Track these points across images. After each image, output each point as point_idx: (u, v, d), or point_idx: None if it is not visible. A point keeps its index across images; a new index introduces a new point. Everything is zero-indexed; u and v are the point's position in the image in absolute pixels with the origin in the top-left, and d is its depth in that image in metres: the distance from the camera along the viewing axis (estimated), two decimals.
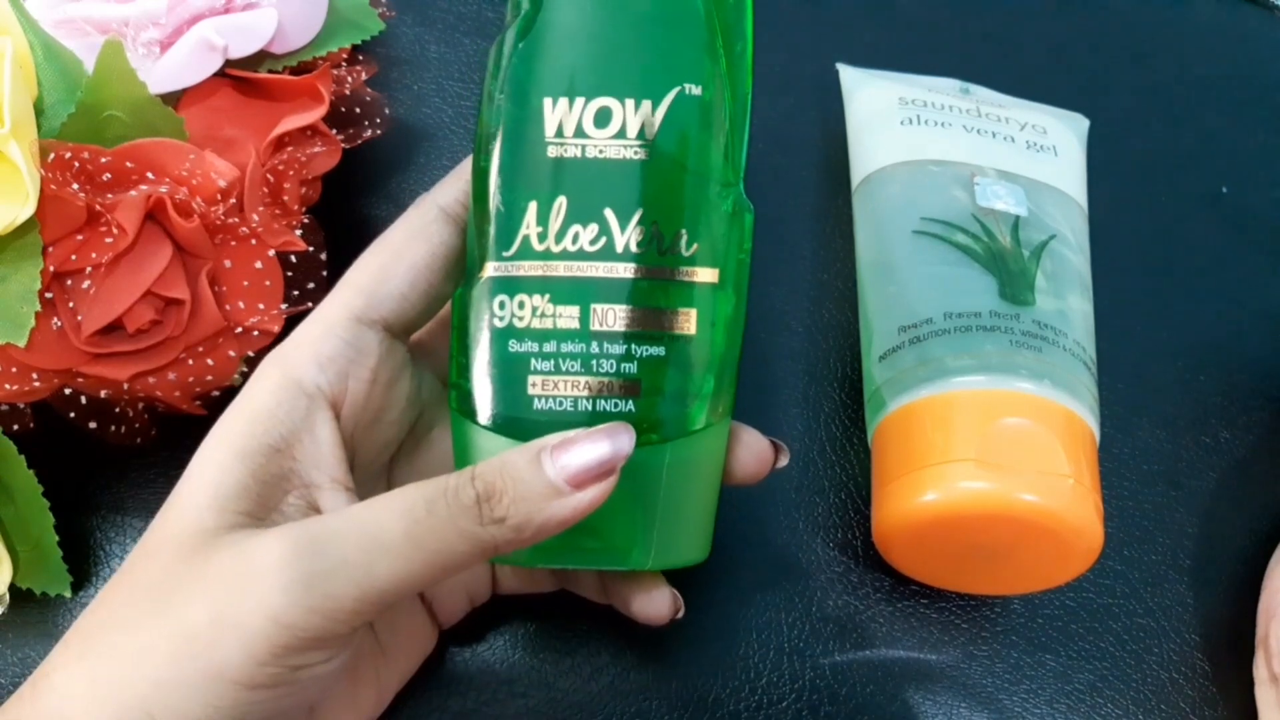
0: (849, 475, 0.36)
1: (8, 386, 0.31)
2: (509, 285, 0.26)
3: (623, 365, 0.25)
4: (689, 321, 0.26)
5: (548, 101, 0.25)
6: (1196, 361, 0.39)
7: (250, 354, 0.33)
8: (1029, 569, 0.31)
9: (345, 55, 0.37)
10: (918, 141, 0.36)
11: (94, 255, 0.31)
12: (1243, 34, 0.46)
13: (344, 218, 0.38)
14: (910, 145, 0.36)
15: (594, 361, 0.25)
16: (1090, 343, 0.33)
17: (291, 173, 0.33)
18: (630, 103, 0.25)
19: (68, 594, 0.32)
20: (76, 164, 0.30)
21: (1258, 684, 0.33)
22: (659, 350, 0.26)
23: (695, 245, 0.26)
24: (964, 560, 0.32)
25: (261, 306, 0.33)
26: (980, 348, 0.31)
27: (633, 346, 0.25)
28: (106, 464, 0.35)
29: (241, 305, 0.32)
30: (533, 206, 0.25)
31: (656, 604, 0.29)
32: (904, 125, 0.37)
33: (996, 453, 0.29)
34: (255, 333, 0.32)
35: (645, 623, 0.29)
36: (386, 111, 0.37)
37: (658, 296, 0.25)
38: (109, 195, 0.31)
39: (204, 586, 0.23)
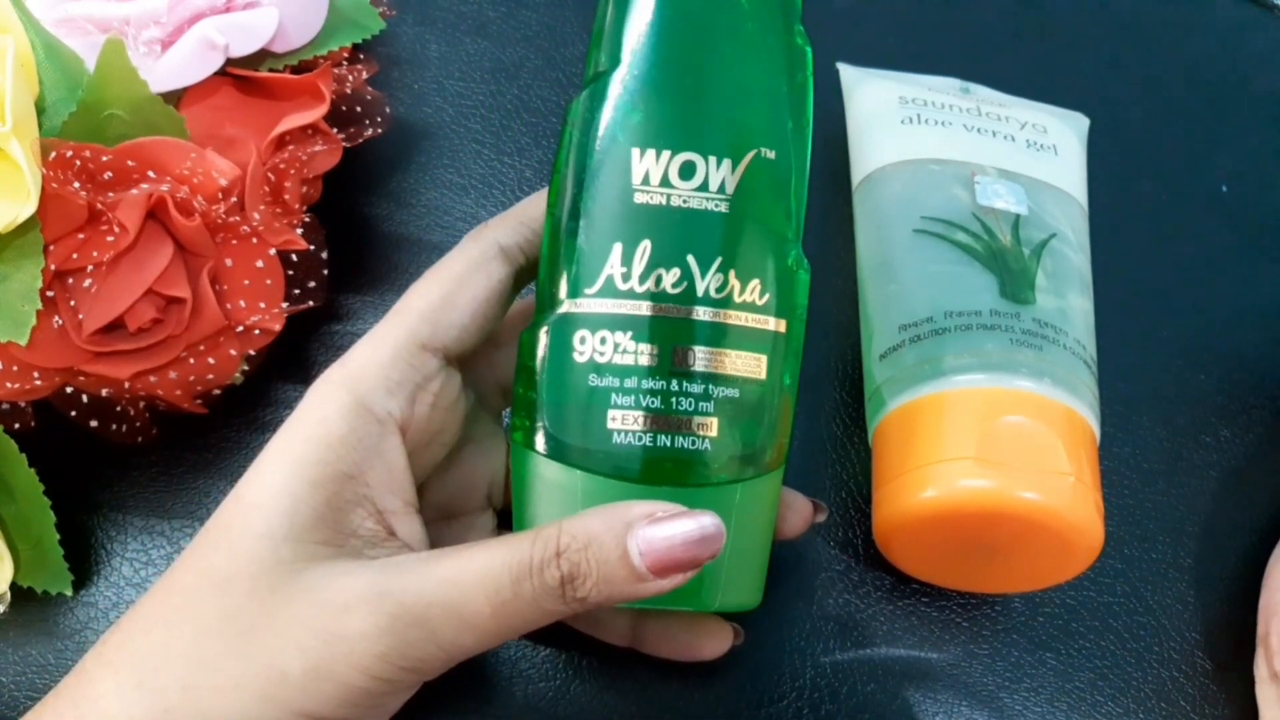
0: (849, 474, 0.36)
1: (9, 385, 0.31)
2: (591, 321, 0.26)
3: (700, 404, 0.26)
4: (760, 366, 0.27)
5: (635, 152, 0.26)
6: (1197, 360, 0.39)
7: (251, 352, 0.33)
8: (1029, 567, 0.31)
9: (346, 54, 0.37)
10: (918, 140, 0.36)
11: (95, 254, 0.31)
12: (1243, 34, 0.46)
13: (345, 216, 0.38)
14: (910, 144, 0.36)
15: (673, 399, 0.26)
16: (1090, 341, 0.33)
17: (292, 171, 0.33)
18: (713, 159, 0.26)
19: (69, 592, 0.32)
20: (78, 162, 0.30)
21: (1258, 682, 0.33)
22: (734, 392, 0.27)
23: (767, 295, 0.27)
24: (964, 558, 0.32)
25: (263, 305, 0.33)
26: (980, 346, 0.31)
27: (710, 387, 0.26)
28: (108, 463, 0.35)
29: (243, 304, 0.32)
30: (618, 248, 0.26)
31: (719, 641, 0.31)
32: (904, 124, 0.37)
33: (997, 451, 0.29)
34: (256, 331, 0.32)
35: (700, 659, 0.31)
36: (387, 110, 0.37)
37: (735, 340, 0.27)
38: (110, 194, 0.31)
39: (295, 633, 0.24)
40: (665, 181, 0.26)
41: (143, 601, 0.26)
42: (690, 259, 0.26)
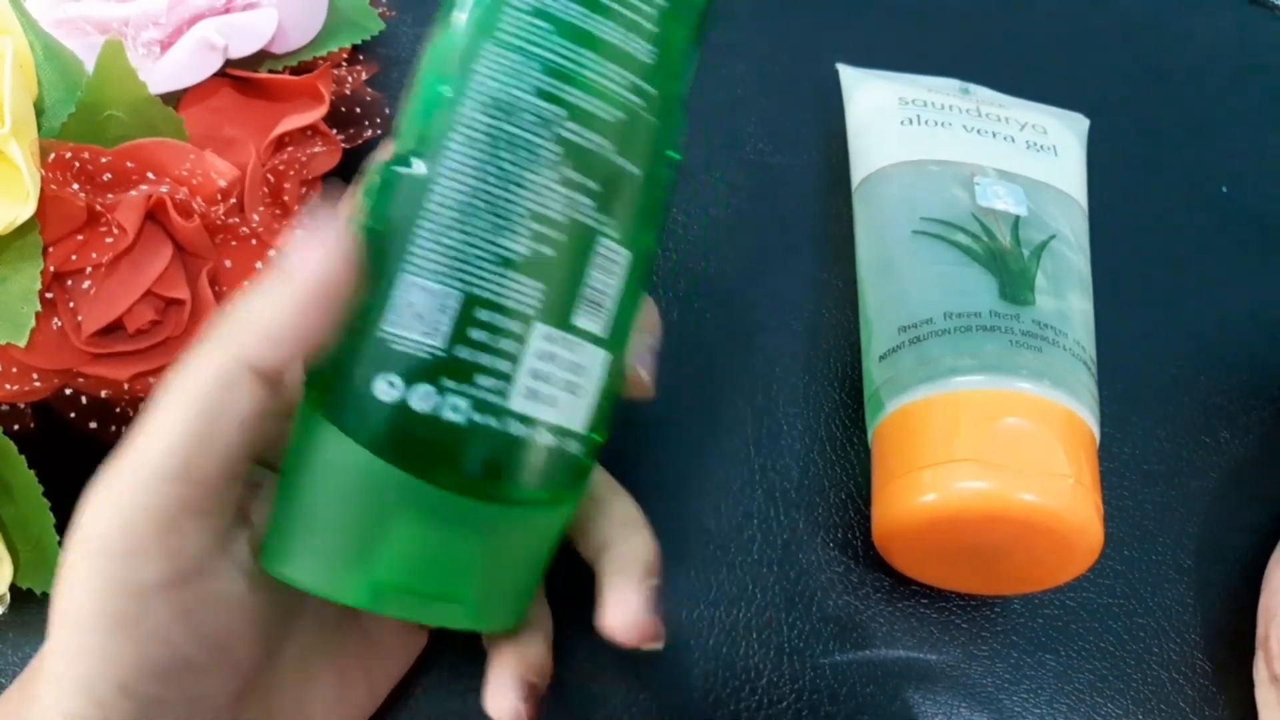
0: (849, 475, 0.36)
1: (8, 387, 0.31)
2: None
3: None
4: None
5: None
6: (1196, 361, 0.39)
7: None
8: (1029, 569, 0.31)
9: (345, 55, 0.37)
10: (918, 141, 0.36)
11: (94, 255, 0.31)
12: (1243, 34, 0.46)
13: None
14: (910, 145, 0.36)
15: None
16: (1090, 342, 0.33)
17: (292, 173, 0.33)
18: None
19: None
20: (77, 164, 0.30)
21: (1258, 685, 0.33)
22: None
23: None
24: (964, 560, 0.32)
25: None
26: (980, 348, 0.31)
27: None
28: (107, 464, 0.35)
29: None
30: None
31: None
32: (904, 125, 0.37)
33: (996, 452, 0.29)
34: None
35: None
36: (387, 111, 0.37)
37: None
38: (109, 195, 0.31)
39: None
40: None
41: None
42: None
